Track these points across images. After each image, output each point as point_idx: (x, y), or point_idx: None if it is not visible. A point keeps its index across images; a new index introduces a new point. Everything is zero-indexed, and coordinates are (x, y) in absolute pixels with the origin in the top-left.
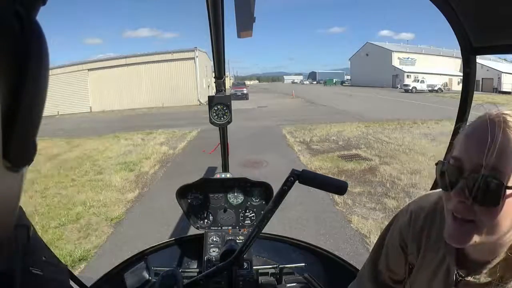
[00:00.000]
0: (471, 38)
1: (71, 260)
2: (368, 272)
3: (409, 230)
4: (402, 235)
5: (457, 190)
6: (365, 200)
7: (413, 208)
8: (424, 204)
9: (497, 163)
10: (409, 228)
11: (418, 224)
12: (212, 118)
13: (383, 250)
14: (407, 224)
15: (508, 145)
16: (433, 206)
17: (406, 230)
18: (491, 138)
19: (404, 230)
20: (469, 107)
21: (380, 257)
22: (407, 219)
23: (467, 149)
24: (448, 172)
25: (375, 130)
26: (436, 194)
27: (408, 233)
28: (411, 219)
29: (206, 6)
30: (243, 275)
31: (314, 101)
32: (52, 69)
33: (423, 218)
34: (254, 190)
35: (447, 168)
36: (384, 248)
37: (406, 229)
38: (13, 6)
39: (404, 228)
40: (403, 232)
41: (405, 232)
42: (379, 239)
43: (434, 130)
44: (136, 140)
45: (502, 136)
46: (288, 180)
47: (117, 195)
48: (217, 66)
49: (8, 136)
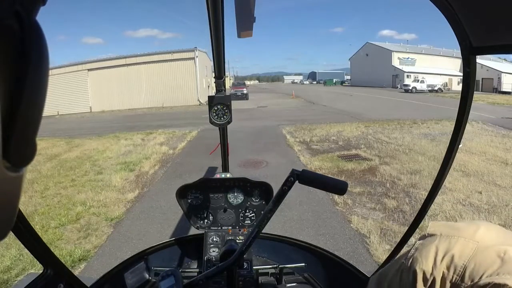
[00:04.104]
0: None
1: (71, 260)
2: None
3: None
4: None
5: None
6: (365, 200)
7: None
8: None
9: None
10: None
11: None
12: (212, 118)
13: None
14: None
15: None
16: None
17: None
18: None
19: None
20: (469, 107)
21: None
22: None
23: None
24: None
25: (375, 130)
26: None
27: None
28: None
29: (206, 6)
30: (243, 275)
31: (314, 101)
32: (52, 69)
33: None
34: (254, 190)
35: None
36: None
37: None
38: (13, 6)
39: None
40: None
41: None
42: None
43: (434, 130)
44: (136, 140)
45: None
46: (288, 180)
47: (117, 195)
48: (217, 66)
49: (8, 136)
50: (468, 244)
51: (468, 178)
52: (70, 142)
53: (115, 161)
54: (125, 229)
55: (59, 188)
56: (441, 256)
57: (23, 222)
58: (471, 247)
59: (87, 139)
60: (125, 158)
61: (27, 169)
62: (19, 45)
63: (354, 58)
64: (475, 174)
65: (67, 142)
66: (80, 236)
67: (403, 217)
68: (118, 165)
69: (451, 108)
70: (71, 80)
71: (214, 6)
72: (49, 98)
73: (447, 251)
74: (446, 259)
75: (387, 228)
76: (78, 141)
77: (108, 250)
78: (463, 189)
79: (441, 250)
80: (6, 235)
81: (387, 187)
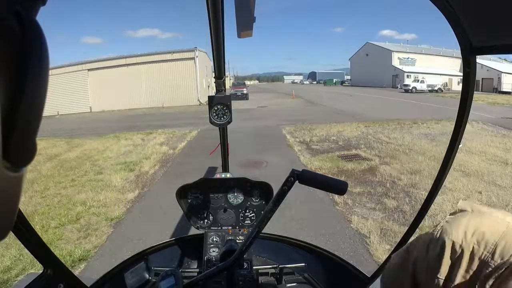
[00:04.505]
0: (471, 38)
1: (71, 260)
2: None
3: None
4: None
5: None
6: (365, 200)
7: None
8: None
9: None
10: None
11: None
12: (212, 118)
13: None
14: None
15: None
16: None
17: None
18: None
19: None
20: (469, 107)
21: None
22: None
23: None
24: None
25: (375, 130)
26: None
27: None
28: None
29: (206, 6)
30: (243, 275)
31: (314, 101)
32: (52, 69)
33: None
34: (254, 190)
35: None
36: None
37: None
38: (13, 6)
39: None
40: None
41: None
42: None
43: (434, 130)
44: (136, 140)
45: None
46: (288, 180)
47: (117, 195)
48: (217, 66)
49: (8, 136)
50: (499, 223)
51: (468, 178)
52: (70, 142)
53: (115, 161)
54: (125, 229)
55: (59, 188)
56: (472, 230)
57: (23, 222)
58: (502, 225)
59: (87, 139)
60: (125, 158)
61: (27, 169)
62: (19, 45)
63: (354, 58)
64: (475, 174)
65: (67, 142)
66: (80, 236)
67: (403, 217)
68: (118, 165)
69: (451, 108)
70: (71, 80)
71: (214, 6)
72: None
73: (478, 227)
74: (476, 234)
75: (387, 228)
76: (78, 141)
77: (108, 250)
78: (463, 189)
79: (472, 224)
80: (6, 235)
81: (387, 187)
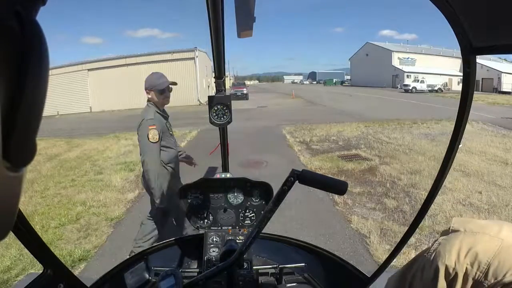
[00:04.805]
0: (471, 38)
1: (71, 260)
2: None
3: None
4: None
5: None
6: (365, 200)
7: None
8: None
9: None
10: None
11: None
12: (212, 118)
13: None
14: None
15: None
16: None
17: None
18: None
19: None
20: (469, 107)
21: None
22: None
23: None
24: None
25: (375, 130)
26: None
27: None
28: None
29: (206, 6)
30: (243, 275)
31: (314, 101)
32: (52, 69)
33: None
34: (254, 190)
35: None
36: None
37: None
38: (13, 6)
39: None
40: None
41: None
42: None
43: (434, 130)
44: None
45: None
46: (288, 180)
47: (117, 195)
48: (217, 66)
49: (8, 136)
50: (492, 241)
51: (468, 178)
52: (70, 142)
53: (115, 161)
54: (125, 229)
55: (59, 188)
56: (465, 251)
57: (23, 222)
58: (495, 244)
59: (87, 139)
60: (125, 158)
61: (27, 169)
62: (19, 45)
63: (354, 58)
64: (475, 174)
65: (67, 142)
66: (80, 236)
67: (403, 217)
68: (118, 165)
69: (451, 108)
70: (71, 80)
71: (214, 6)
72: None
73: (471, 247)
74: (470, 255)
75: (387, 228)
76: (78, 141)
77: (108, 250)
78: (463, 189)
79: (465, 245)
80: (6, 235)
81: (387, 187)
